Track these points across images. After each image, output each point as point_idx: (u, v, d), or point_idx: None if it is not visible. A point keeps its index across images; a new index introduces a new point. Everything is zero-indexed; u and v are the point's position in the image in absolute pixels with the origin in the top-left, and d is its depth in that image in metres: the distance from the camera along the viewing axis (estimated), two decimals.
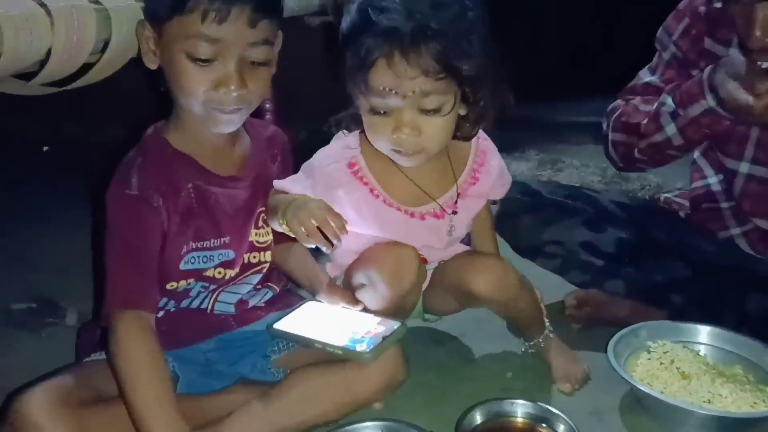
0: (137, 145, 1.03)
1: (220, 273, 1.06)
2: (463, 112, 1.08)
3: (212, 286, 1.07)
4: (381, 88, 0.98)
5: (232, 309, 1.11)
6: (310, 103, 1.94)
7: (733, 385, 1.12)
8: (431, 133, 1.03)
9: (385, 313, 1.10)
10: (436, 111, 1.01)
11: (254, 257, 1.10)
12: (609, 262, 1.36)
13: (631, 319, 1.29)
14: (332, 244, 1.00)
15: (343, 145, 1.14)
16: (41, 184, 2.08)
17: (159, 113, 1.05)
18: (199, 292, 1.07)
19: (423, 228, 1.15)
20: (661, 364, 1.19)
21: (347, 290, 1.14)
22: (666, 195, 1.50)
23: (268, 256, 1.12)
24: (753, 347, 1.21)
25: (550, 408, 1.09)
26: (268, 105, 1.50)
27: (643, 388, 1.11)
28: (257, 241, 1.10)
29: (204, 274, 1.05)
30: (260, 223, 1.10)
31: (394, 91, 0.98)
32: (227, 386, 1.11)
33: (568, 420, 1.06)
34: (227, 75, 0.93)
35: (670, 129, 1.27)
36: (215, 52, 0.92)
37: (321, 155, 1.13)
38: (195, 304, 1.08)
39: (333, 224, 0.99)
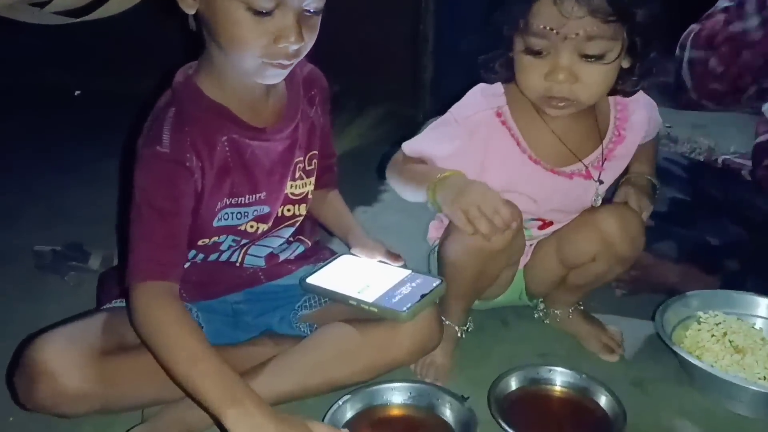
0: (167, 94, 0.95)
1: (252, 227, 1.01)
2: (626, 64, 0.98)
3: (244, 241, 1.03)
4: (542, 26, 0.91)
5: (262, 262, 1.07)
6: (346, 57, 1.86)
7: None
8: (589, 82, 0.95)
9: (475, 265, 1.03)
10: (598, 58, 0.93)
11: (288, 210, 1.05)
12: (660, 222, 1.27)
13: (681, 285, 1.22)
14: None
15: (486, 93, 1.05)
16: (75, 134, 2.06)
17: (188, 58, 0.98)
18: (230, 246, 1.03)
19: (568, 189, 1.07)
20: (713, 336, 1.12)
21: (381, 242, 1.09)
22: (724, 156, 1.40)
23: (303, 209, 1.06)
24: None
25: (590, 377, 1.03)
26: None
27: (692, 360, 1.05)
28: (292, 194, 1.03)
29: (238, 228, 1.00)
30: (297, 174, 1.04)
31: (555, 31, 0.90)
32: (252, 337, 1.08)
33: (610, 390, 1.01)
34: (288, 27, 0.85)
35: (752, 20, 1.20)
36: (276, 2, 0.84)
37: (462, 106, 1.05)
38: (224, 257, 1.04)
39: (503, 216, 0.91)
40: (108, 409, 0.94)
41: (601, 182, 1.07)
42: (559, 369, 1.06)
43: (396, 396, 1.01)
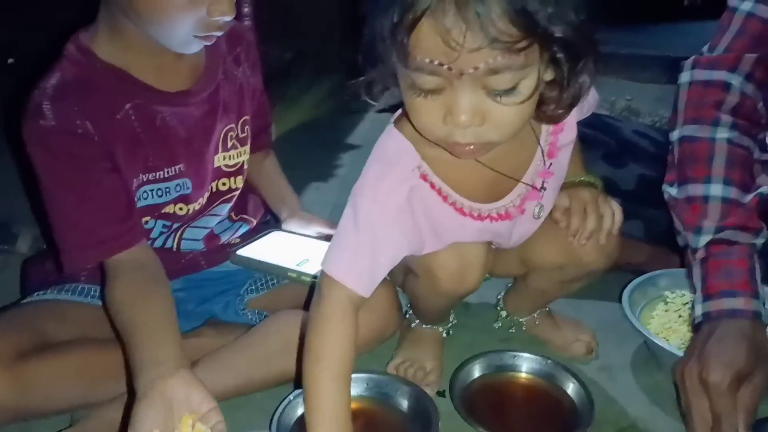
0: (55, 63, 0.84)
1: (181, 209, 0.91)
2: (549, 77, 0.72)
3: (175, 225, 0.93)
4: (427, 61, 0.65)
5: (200, 245, 0.98)
6: (297, 22, 1.74)
7: None
8: (500, 122, 0.69)
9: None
10: (509, 92, 0.67)
11: (224, 184, 0.95)
12: (628, 201, 1.21)
13: (649, 265, 1.17)
14: None
15: (390, 156, 0.79)
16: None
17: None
18: (162, 233, 0.93)
19: (509, 226, 0.88)
20: (680, 317, 1.09)
21: (318, 217, 1.00)
22: None
23: (239, 181, 0.97)
24: None
25: (557, 363, 0.98)
26: (246, 9, 1.29)
27: (659, 342, 1.00)
28: (226, 165, 0.94)
29: (163, 211, 0.90)
30: (230, 144, 0.94)
31: (446, 66, 0.64)
32: (196, 327, 0.99)
33: (576, 376, 0.96)
34: (223, 1, 0.78)
35: None
36: None
37: (375, 187, 0.77)
38: (158, 244, 0.94)
39: None
40: (31, 416, 0.84)
41: (544, 188, 0.87)
42: (525, 355, 1.01)
43: (351, 388, 0.94)
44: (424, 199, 0.80)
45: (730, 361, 0.82)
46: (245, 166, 0.97)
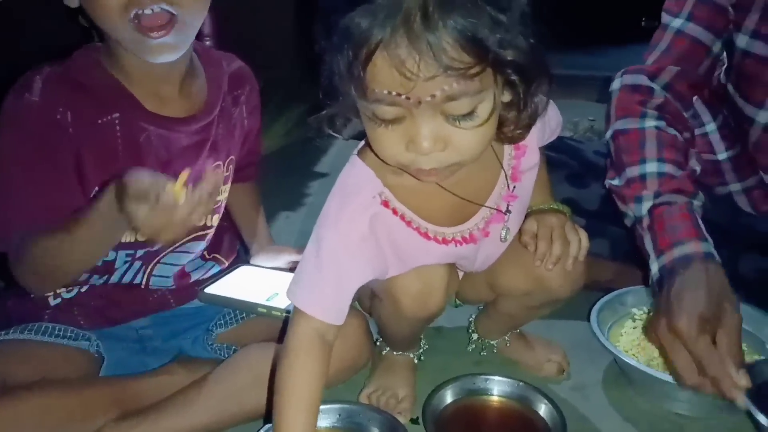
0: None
1: (129, 236, 0.90)
2: (507, 98, 0.74)
3: (139, 254, 0.92)
4: (385, 92, 0.66)
5: (169, 282, 0.96)
6: (268, 51, 1.75)
7: None
8: (463, 145, 0.70)
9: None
10: (467, 116, 0.69)
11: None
12: (593, 221, 1.24)
13: (616, 282, 1.19)
14: None
15: (350, 185, 0.80)
16: None
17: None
18: (126, 263, 0.92)
19: (474, 250, 0.90)
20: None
21: (288, 247, 0.99)
22: None
23: (215, 219, 0.96)
24: (747, 313, 1.10)
25: (528, 385, 0.98)
26: (207, 35, 1.27)
27: (627, 360, 1.01)
28: None
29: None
30: None
31: (404, 96, 0.66)
32: (165, 364, 0.97)
33: (548, 397, 0.96)
34: None
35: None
36: None
37: (336, 220, 0.78)
38: (127, 278, 0.93)
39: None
40: None
41: (509, 212, 0.88)
42: (497, 378, 1.00)
43: (324, 419, 0.93)
44: (388, 225, 0.81)
45: (692, 306, 0.83)
46: (222, 206, 0.97)
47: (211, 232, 0.97)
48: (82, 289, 0.90)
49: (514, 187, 0.88)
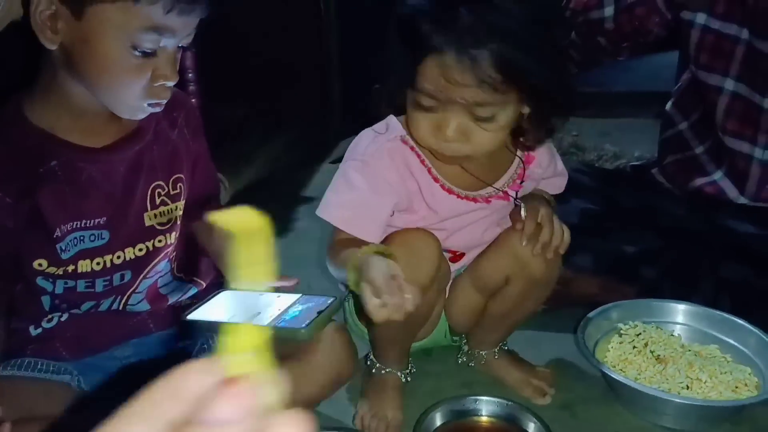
0: None
1: (98, 264, 0.90)
2: (526, 110, 0.91)
3: (116, 281, 0.92)
4: (428, 87, 0.86)
5: (145, 305, 0.96)
6: (250, 81, 1.77)
7: (712, 368, 1.04)
8: (480, 142, 0.90)
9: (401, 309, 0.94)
10: (489, 119, 0.87)
11: (159, 241, 0.95)
12: (574, 235, 1.25)
13: (601, 297, 1.20)
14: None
15: (381, 128, 0.97)
16: None
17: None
18: (105, 287, 0.92)
19: (471, 207, 1.00)
20: (634, 347, 1.10)
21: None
22: (634, 164, 1.42)
23: (173, 237, 0.97)
24: (730, 325, 1.13)
25: (517, 404, 0.99)
26: (190, 74, 1.30)
27: (615, 376, 1.02)
28: (159, 224, 0.94)
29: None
30: (159, 200, 0.94)
31: (442, 94, 0.86)
32: None
33: (537, 416, 0.97)
34: (167, 65, 0.80)
35: (608, 10, 1.27)
36: (160, 40, 0.79)
37: (363, 146, 0.96)
38: (104, 306, 0.93)
39: (399, 298, 0.79)
40: None
41: (517, 204, 1.01)
42: (485, 398, 1.00)
43: None
44: (405, 158, 0.96)
45: None
46: (178, 222, 0.97)
47: (171, 248, 0.97)
48: (63, 318, 0.90)
49: (521, 181, 1.00)
